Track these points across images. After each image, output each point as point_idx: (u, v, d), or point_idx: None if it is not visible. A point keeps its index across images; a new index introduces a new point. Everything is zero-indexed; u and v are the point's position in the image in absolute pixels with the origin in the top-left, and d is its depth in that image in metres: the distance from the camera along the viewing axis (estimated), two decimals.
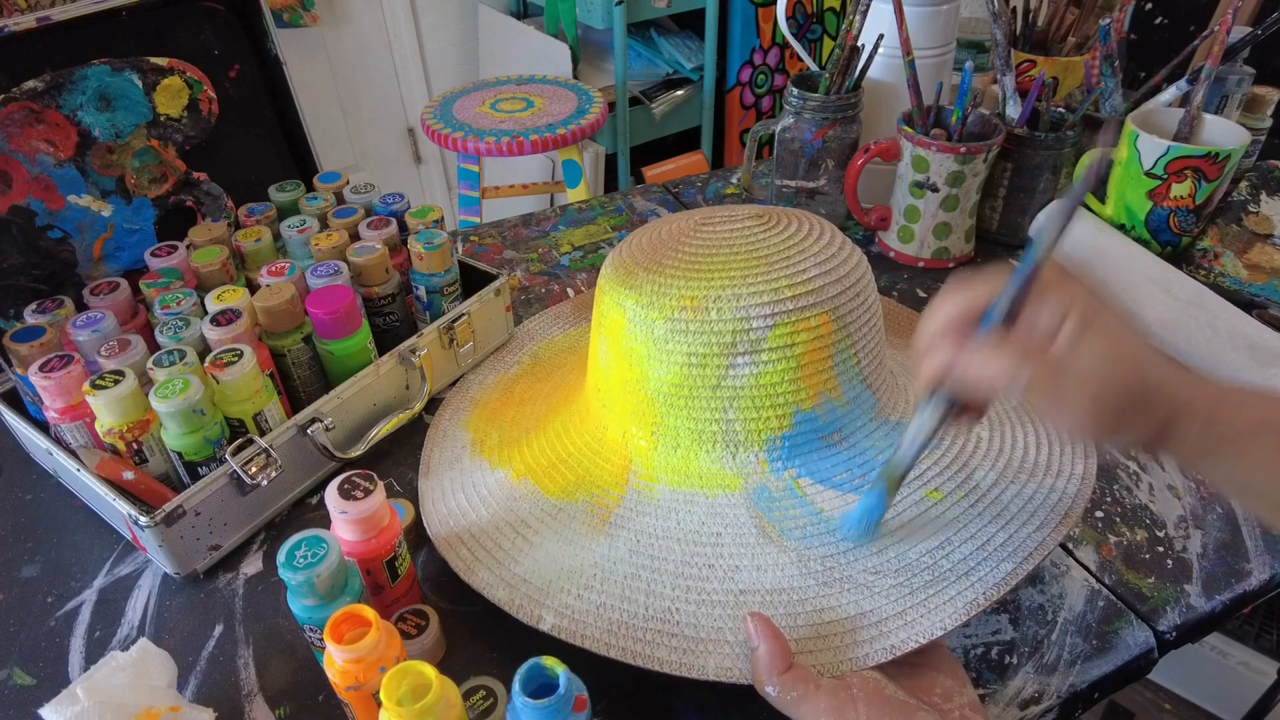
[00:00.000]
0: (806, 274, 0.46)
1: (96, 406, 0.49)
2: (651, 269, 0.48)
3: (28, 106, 0.59)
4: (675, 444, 0.48)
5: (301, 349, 0.58)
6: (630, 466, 0.49)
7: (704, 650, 0.41)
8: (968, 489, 0.46)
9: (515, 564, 0.46)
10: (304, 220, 0.65)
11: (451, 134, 1.52)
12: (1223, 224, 0.86)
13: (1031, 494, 0.45)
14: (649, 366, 0.48)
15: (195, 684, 0.47)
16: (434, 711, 0.34)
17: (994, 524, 0.44)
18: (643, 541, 0.46)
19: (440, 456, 0.57)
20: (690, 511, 0.47)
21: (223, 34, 0.68)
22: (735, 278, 0.46)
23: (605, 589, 0.44)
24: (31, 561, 0.54)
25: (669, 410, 0.48)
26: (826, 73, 0.79)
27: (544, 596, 0.44)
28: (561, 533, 0.48)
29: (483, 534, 0.49)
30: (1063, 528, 0.44)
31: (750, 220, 0.50)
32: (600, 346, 0.51)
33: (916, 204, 0.78)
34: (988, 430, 0.50)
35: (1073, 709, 0.46)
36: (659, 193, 0.96)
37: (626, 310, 0.48)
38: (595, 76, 2.00)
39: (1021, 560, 0.42)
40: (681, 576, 0.44)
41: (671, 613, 0.42)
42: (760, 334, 0.45)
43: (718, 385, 0.46)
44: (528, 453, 0.54)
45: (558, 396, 0.59)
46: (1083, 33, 0.91)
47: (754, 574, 0.43)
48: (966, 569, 0.42)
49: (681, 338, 0.46)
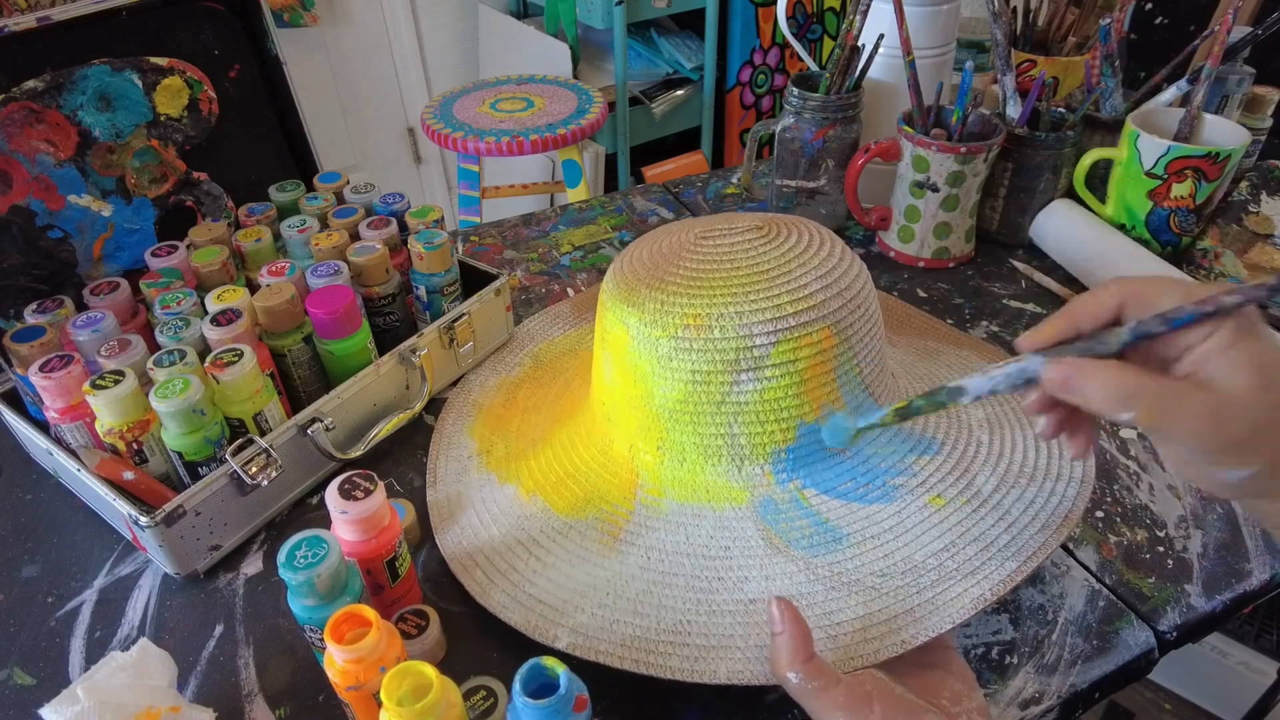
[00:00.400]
0: (808, 288, 0.46)
1: (97, 406, 0.49)
2: (654, 285, 0.48)
3: (28, 106, 0.59)
4: (681, 458, 0.48)
5: (302, 349, 0.58)
6: (638, 481, 0.50)
7: (715, 657, 0.41)
8: (970, 494, 0.46)
9: (529, 585, 0.47)
10: (304, 220, 0.65)
11: (451, 134, 1.52)
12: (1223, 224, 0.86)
13: (1033, 498, 0.46)
14: (654, 383, 0.48)
15: (195, 684, 0.47)
16: (434, 711, 0.34)
17: (997, 526, 0.44)
18: (653, 557, 0.46)
19: (447, 466, 0.58)
20: (698, 526, 0.47)
21: (223, 34, 0.68)
22: (738, 294, 0.46)
23: (618, 605, 0.44)
24: (32, 561, 0.54)
25: (674, 426, 0.48)
26: (827, 73, 0.79)
27: (559, 616, 0.45)
28: (574, 551, 0.48)
29: (495, 554, 0.49)
30: (1064, 528, 0.44)
31: (750, 232, 0.50)
32: (605, 362, 0.51)
33: (917, 204, 0.78)
34: (988, 434, 0.50)
35: (1073, 709, 0.46)
36: (659, 193, 0.96)
37: (630, 328, 0.48)
38: (595, 76, 2.00)
39: (1025, 559, 0.43)
40: (692, 590, 0.44)
41: (683, 625, 0.43)
42: (764, 351, 0.45)
43: (722, 401, 0.46)
44: (535, 467, 0.54)
45: (562, 406, 0.59)
46: (1083, 33, 0.91)
47: (763, 583, 0.44)
48: (972, 568, 0.43)
49: (685, 356, 0.46)
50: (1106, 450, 0.61)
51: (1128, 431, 0.62)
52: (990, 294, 0.78)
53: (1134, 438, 0.62)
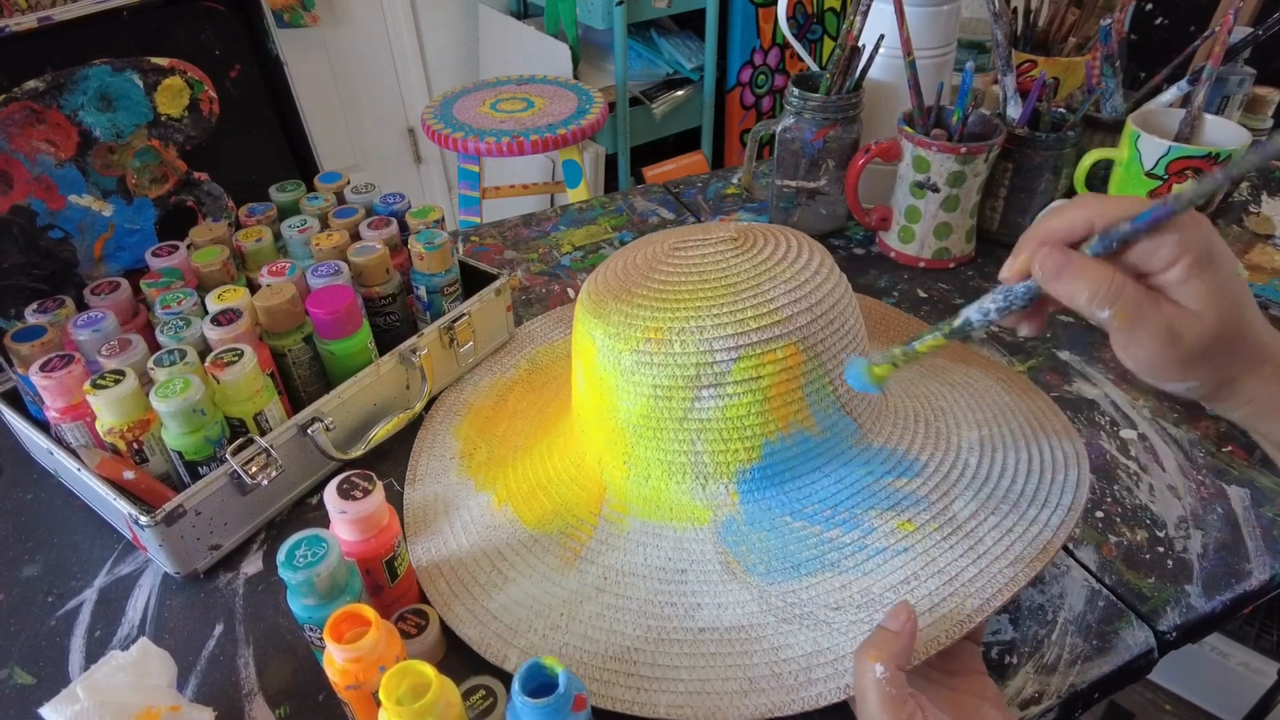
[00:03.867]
0: (774, 303, 0.45)
1: (97, 406, 0.49)
2: (621, 297, 0.48)
3: (29, 106, 0.59)
4: (646, 474, 0.48)
5: (302, 349, 0.58)
6: (604, 495, 0.49)
7: (658, 688, 0.41)
8: (942, 520, 0.44)
9: (489, 599, 0.47)
10: (305, 220, 0.65)
11: (452, 134, 1.52)
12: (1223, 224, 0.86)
13: (1011, 525, 0.44)
14: (618, 396, 0.47)
15: (195, 683, 0.47)
16: (434, 711, 0.34)
17: (965, 557, 0.42)
18: (609, 578, 0.46)
19: (428, 466, 0.57)
20: (658, 547, 0.47)
21: (223, 34, 0.68)
22: (700, 308, 0.45)
23: (570, 628, 0.44)
24: (32, 561, 0.54)
25: (638, 441, 0.47)
26: (827, 73, 0.79)
27: (512, 635, 0.45)
28: (535, 566, 0.48)
29: (461, 565, 0.49)
30: (1039, 561, 0.42)
31: (724, 244, 0.48)
32: (578, 373, 0.51)
33: (917, 204, 0.78)
34: (976, 457, 0.48)
35: (1073, 709, 0.46)
36: (659, 193, 0.96)
37: (596, 339, 0.48)
38: (595, 76, 2.00)
39: (989, 598, 0.41)
40: (644, 615, 0.44)
41: (631, 651, 0.43)
42: (724, 367, 0.44)
43: (684, 417, 0.46)
44: (512, 476, 0.54)
45: (548, 414, 0.58)
46: (1083, 33, 0.91)
47: (715, 611, 0.43)
48: (930, 604, 0.41)
49: (646, 370, 0.46)
50: (1106, 451, 0.60)
51: (1128, 431, 0.62)
52: None
53: (1134, 438, 0.62)
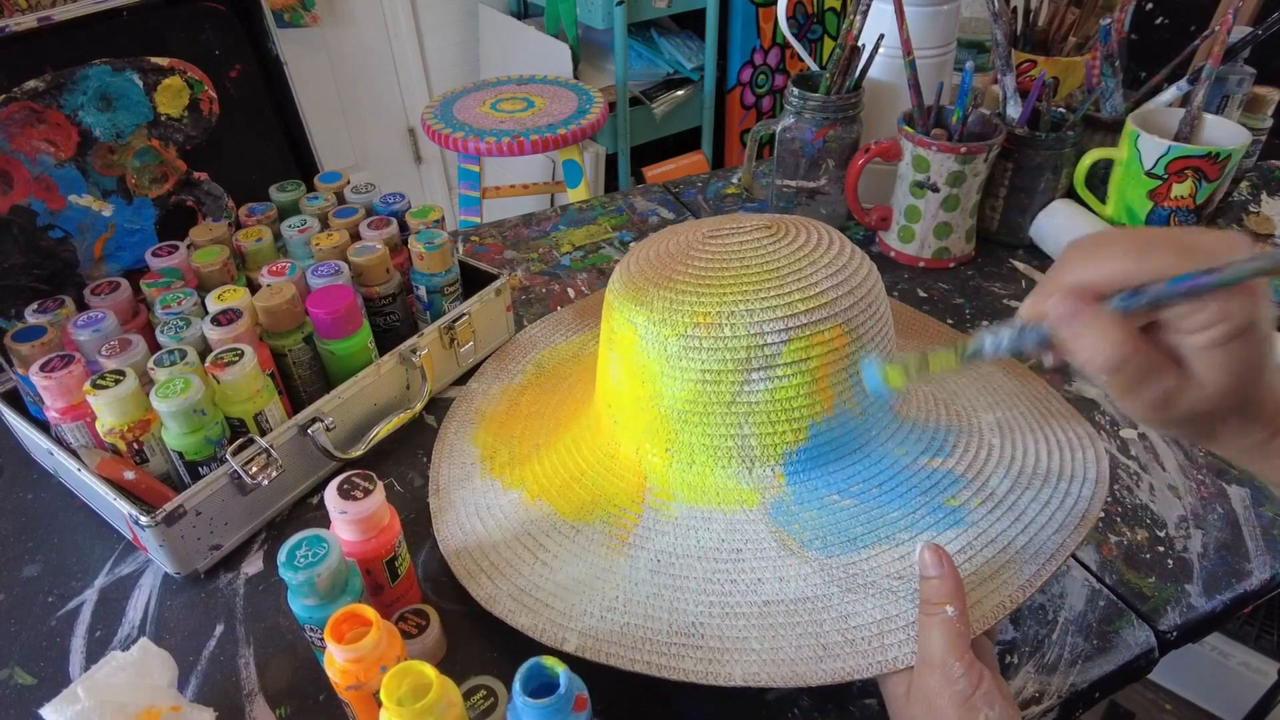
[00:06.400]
0: (819, 286, 0.46)
1: (97, 406, 0.49)
2: (662, 284, 0.48)
3: (29, 106, 0.59)
4: (690, 460, 0.48)
5: (302, 349, 0.58)
6: (645, 484, 0.49)
7: (730, 659, 0.41)
8: (984, 495, 0.46)
9: (535, 589, 0.46)
10: (305, 220, 0.65)
11: (452, 134, 1.52)
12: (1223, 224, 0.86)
13: (1048, 498, 0.46)
14: (662, 384, 0.47)
15: (196, 683, 0.47)
16: (434, 711, 0.34)
17: (1014, 528, 0.44)
18: (663, 561, 0.46)
19: (450, 474, 0.57)
20: (709, 529, 0.47)
21: (223, 34, 0.68)
22: (749, 292, 0.46)
23: (628, 609, 0.44)
24: (32, 561, 0.54)
25: (683, 427, 0.47)
26: (827, 73, 0.79)
27: (566, 620, 0.44)
28: (581, 555, 0.47)
29: (501, 560, 0.49)
30: (1082, 529, 0.44)
31: (759, 231, 0.49)
32: (611, 363, 0.51)
33: (917, 204, 0.78)
34: (999, 438, 0.50)
35: (1073, 709, 0.46)
36: (659, 193, 0.96)
37: (638, 327, 0.48)
38: (595, 76, 2.00)
39: (1044, 562, 0.42)
40: (704, 593, 0.44)
41: (696, 626, 0.42)
42: (775, 349, 0.45)
43: (732, 401, 0.46)
44: (540, 471, 0.54)
45: (565, 410, 0.58)
46: (1083, 33, 0.91)
47: (777, 585, 0.43)
48: (991, 571, 0.42)
49: (695, 354, 0.46)
50: (1107, 450, 0.60)
51: (1128, 431, 0.62)
52: (991, 294, 0.78)
53: (1134, 438, 0.62)
